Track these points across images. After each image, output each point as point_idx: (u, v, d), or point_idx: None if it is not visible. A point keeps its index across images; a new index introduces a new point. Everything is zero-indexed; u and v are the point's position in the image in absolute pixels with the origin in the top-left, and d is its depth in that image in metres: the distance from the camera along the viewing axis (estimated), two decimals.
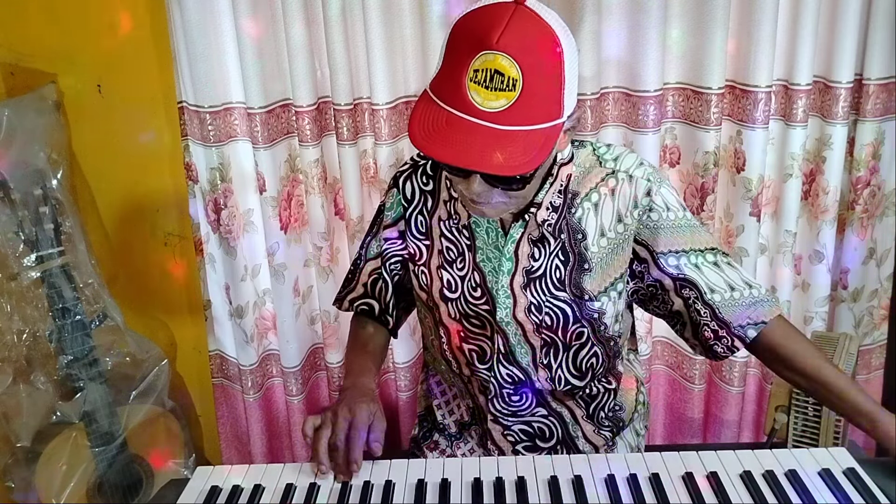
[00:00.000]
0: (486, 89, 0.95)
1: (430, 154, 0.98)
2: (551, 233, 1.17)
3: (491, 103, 0.95)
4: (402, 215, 1.27)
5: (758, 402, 2.01)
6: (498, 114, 0.95)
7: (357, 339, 1.33)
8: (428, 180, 1.25)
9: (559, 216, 1.17)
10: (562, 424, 1.31)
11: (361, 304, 1.35)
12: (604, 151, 1.20)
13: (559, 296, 1.18)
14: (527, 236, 1.18)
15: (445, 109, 0.97)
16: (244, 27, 1.68)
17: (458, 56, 0.97)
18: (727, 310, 1.17)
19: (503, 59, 0.94)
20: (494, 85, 0.95)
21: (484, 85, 0.95)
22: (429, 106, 0.99)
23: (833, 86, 1.71)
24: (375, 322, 1.35)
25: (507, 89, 0.95)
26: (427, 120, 0.98)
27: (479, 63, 0.95)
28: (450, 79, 0.97)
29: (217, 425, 2.09)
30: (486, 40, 0.94)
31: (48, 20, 1.82)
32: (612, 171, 1.17)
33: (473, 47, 0.95)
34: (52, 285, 1.78)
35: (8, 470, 1.92)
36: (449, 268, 1.23)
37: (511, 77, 0.94)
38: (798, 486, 1.02)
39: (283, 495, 1.05)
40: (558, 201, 1.16)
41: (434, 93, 1.00)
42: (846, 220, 1.85)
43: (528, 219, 1.16)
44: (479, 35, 0.95)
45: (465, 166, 0.97)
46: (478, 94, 0.95)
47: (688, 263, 1.18)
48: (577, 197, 1.17)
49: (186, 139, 1.78)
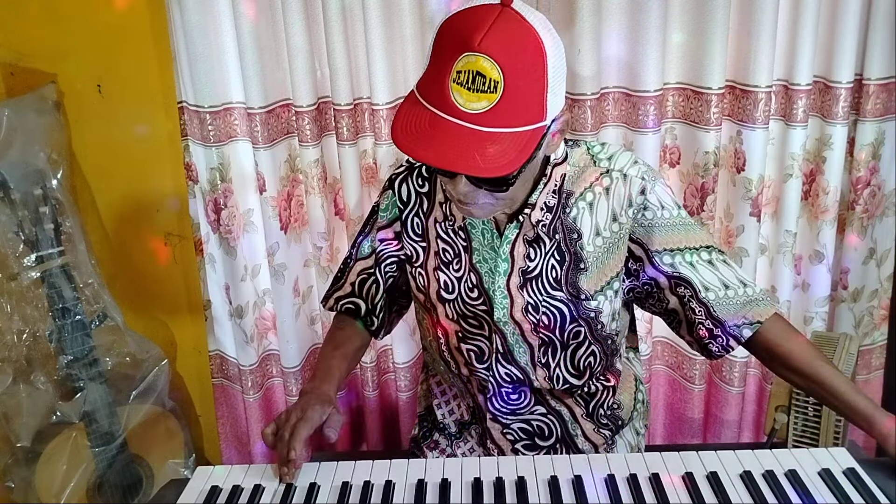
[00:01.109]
0: (469, 91, 0.95)
1: (409, 154, 0.98)
2: (546, 233, 1.17)
3: (472, 104, 0.95)
4: (397, 217, 1.27)
5: (758, 402, 2.01)
6: (479, 115, 0.95)
7: (332, 340, 1.32)
8: (423, 182, 1.25)
9: (554, 216, 1.17)
10: (561, 423, 1.31)
11: (347, 302, 1.33)
12: (598, 151, 1.20)
13: (556, 295, 1.18)
14: (522, 237, 1.18)
15: (429, 110, 0.98)
16: (244, 27, 1.68)
17: (442, 57, 0.98)
18: (721, 308, 1.18)
19: (485, 61, 0.94)
20: (476, 86, 0.95)
21: (466, 86, 0.95)
22: (414, 106, 1.00)
23: (833, 86, 1.71)
24: (358, 322, 1.34)
25: (489, 91, 0.95)
26: (411, 120, 0.99)
27: (462, 64, 0.95)
28: (434, 79, 0.98)
29: (217, 425, 2.09)
30: (470, 41, 0.95)
31: (48, 20, 1.82)
32: (606, 171, 1.18)
33: (457, 48, 0.96)
34: (52, 285, 1.78)
35: (8, 470, 1.92)
36: (445, 269, 1.23)
37: (492, 79, 0.94)
38: (798, 486, 1.02)
39: (283, 495, 1.05)
40: (552, 201, 1.16)
41: (420, 93, 1.00)
42: (846, 220, 1.85)
43: (523, 219, 1.16)
44: (463, 36, 0.95)
45: (443, 167, 0.98)
46: (460, 95, 0.96)
47: (683, 261, 1.18)
48: (572, 196, 1.17)
49: (186, 139, 1.78)
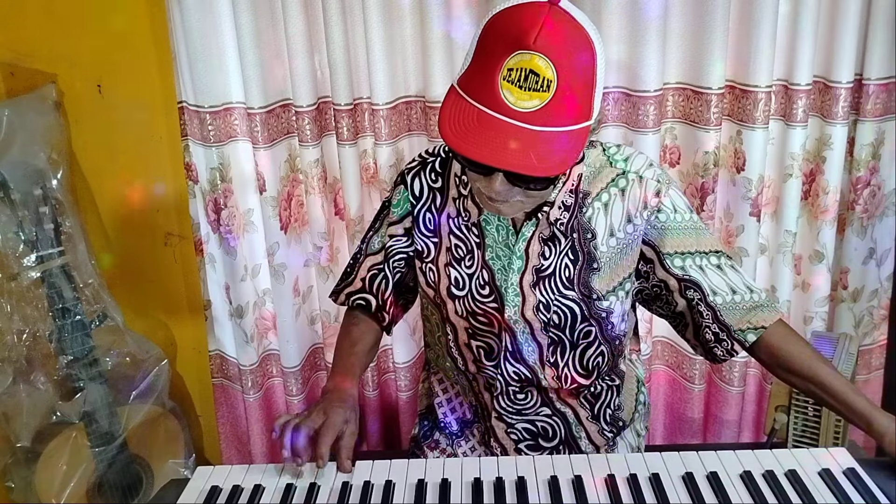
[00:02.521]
0: (520, 89, 0.95)
1: (463, 153, 0.97)
2: (562, 232, 1.17)
3: (524, 103, 0.95)
4: (409, 212, 1.27)
5: (758, 402, 2.01)
6: (530, 114, 0.95)
7: (347, 336, 1.32)
8: (437, 177, 1.25)
9: (570, 215, 1.17)
10: (565, 425, 1.31)
11: (358, 298, 1.33)
12: (614, 152, 1.20)
13: (568, 294, 1.18)
14: (538, 235, 1.18)
15: (476, 107, 0.97)
16: (244, 27, 1.68)
17: (491, 54, 0.97)
18: (728, 313, 1.18)
19: (539, 60, 0.94)
20: (528, 85, 0.94)
21: (518, 84, 0.95)
22: (458, 102, 0.99)
23: (833, 86, 1.71)
24: (370, 318, 1.34)
25: (542, 90, 0.94)
26: (456, 116, 0.98)
27: (515, 62, 0.95)
28: (481, 76, 0.97)
29: (217, 425, 2.09)
30: (524, 39, 0.94)
31: (48, 20, 1.82)
32: (622, 172, 1.18)
33: (509, 46, 0.95)
34: (52, 285, 1.78)
35: (8, 470, 1.92)
36: (457, 265, 1.23)
37: (546, 78, 0.94)
38: (798, 486, 1.02)
39: (283, 495, 1.05)
40: (570, 200, 1.17)
41: (463, 89, 0.99)
42: (846, 220, 1.85)
43: (540, 217, 1.16)
44: (515, 34, 0.95)
45: (500, 166, 0.97)
46: (511, 93, 0.95)
47: (693, 265, 1.18)
48: (588, 196, 1.17)
49: (186, 139, 1.78)
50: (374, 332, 1.33)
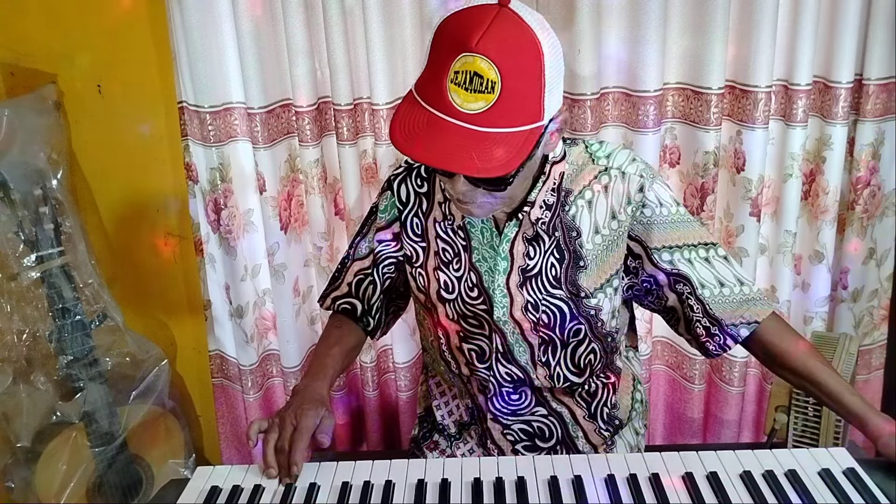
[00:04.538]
0: (466, 91, 0.95)
1: (407, 154, 0.98)
2: (546, 231, 1.17)
3: (470, 105, 0.95)
4: (396, 217, 1.27)
5: (758, 402, 2.01)
6: (476, 115, 0.96)
7: (327, 338, 1.32)
8: (422, 183, 1.25)
9: (553, 214, 1.17)
10: (562, 424, 1.31)
11: (343, 303, 1.33)
12: (596, 149, 1.20)
13: (555, 293, 1.18)
14: (521, 235, 1.18)
15: (427, 110, 0.98)
16: (244, 27, 1.68)
17: (440, 57, 0.98)
18: (717, 306, 1.18)
19: (482, 62, 0.94)
20: (473, 87, 0.95)
21: (463, 87, 0.95)
22: (412, 106, 1.00)
23: (833, 86, 1.71)
24: (353, 322, 1.34)
25: (486, 91, 0.95)
26: (409, 120, 0.99)
27: (460, 65, 0.95)
28: (432, 80, 0.98)
29: (217, 425, 2.09)
30: (467, 42, 0.95)
31: (48, 20, 1.82)
32: (604, 169, 1.18)
33: (454, 48, 0.96)
34: (52, 285, 1.78)
35: (8, 470, 1.92)
36: (445, 269, 1.23)
37: (490, 79, 0.94)
38: (798, 486, 1.02)
39: (283, 495, 1.05)
40: (552, 199, 1.17)
41: (418, 93, 1.00)
42: (846, 220, 1.85)
43: (522, 217, 1.16)
44: (461, 37, 0.95)
45: (440, 167, 0.98)
46: (458, 95, 0.96)
47: (681, 258, 1.18)
48: (571, 195, 1.18)
49: (186, 139, 1.78)
50: (354, 336, 1.33)
